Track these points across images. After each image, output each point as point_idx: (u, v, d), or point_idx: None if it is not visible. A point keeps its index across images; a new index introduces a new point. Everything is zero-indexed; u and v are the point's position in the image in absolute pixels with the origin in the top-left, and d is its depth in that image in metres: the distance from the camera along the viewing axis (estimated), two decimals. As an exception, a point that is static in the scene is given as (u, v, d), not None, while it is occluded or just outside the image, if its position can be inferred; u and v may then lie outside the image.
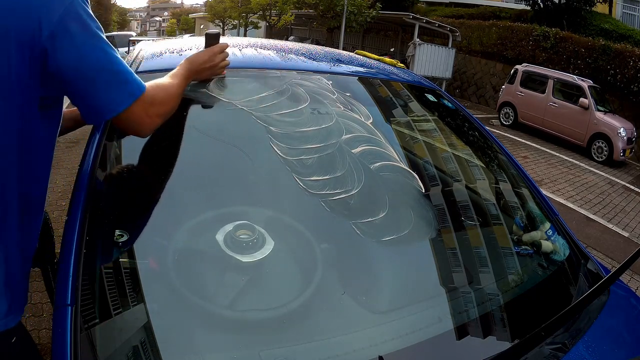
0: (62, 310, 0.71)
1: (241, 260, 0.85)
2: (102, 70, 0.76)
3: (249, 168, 1.05)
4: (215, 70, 1.11)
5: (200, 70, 1.07)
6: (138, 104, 0.82)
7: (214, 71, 1.11)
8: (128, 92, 0.80)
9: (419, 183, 1.14)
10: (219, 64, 1.11)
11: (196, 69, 1.05)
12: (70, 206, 0.89)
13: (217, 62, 1.10)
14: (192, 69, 1.04)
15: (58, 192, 4.02)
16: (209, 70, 1.09)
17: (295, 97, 1.21)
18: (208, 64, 1.08)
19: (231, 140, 1.10)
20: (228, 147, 1.10)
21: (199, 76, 1.08)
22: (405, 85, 1.60)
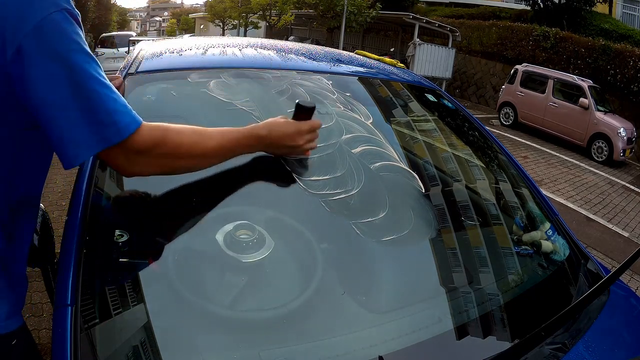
0: (62, 310, 0.71)
1: (241, 260, 0.85)
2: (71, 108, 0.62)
3: (249, 168, 1.05)
4: (295, 151, 0.92)
5: (276, 146, 0.89)
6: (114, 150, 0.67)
7: (293, 152, 0.92)
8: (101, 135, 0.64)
9: (419, 183, 1.14)
10: (302, 146, 0.91)
11: (270, 142, 0.87)
12: (70, 206, 0.89)
13: (301, 143, 0.90)
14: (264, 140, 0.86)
15: (58, 192, 4.03)
16: (286, 149, 0.90)
17: (295, 97, 1.21)
18: (289, 142, 0.88)
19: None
20: None
21: (270, 151, 0.91)
22: (405, 85, 1.60)
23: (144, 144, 0.69)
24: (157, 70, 1.24)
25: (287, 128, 0.87)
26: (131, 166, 0.72)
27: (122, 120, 0.66)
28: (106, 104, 0.65)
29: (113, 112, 0.65)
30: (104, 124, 0.64)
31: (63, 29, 0.61)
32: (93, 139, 0.64)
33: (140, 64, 1.23)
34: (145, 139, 0.69)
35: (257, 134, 0.84)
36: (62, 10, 0.62)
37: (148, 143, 0.70)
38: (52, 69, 0.61)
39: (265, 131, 0.85)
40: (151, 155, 0.72)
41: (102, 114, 0.64)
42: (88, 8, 16.03)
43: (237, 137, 0.82)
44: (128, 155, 0.70)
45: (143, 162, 0.72)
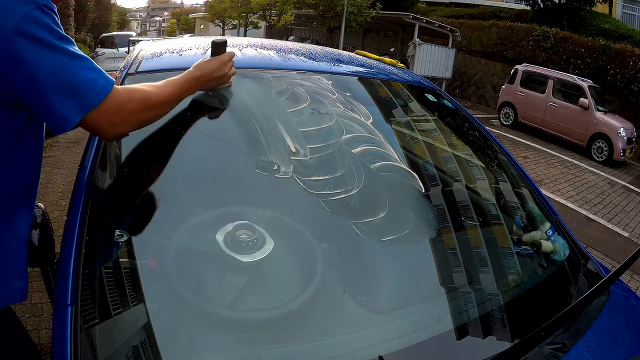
0: (62, 310, 0.71)
1: (241, 260, 0.85)
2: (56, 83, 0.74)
3: (249, 168, 1.05)
4: (223, 80, 1.08)
5: (209, 80, 1.03)
6: (98, 112, 0.79)
7: (222, 80, 1.08)
8: (85, 102, 0.77)
9: (419, 183, 1.14)
10: (228, 73, 1.08)
11: (204, 79, 1.01)
12: (70, 206, 0.89)
13: (226, 71, 1.07)
14: (200, 79, 1.00)
15: (58, 192, 4.02)
16: (217, 80, 1.06)
17: (295, 97, 1.21)
18: (217, 73, 1.04)
19: (231, 140, 1.10)
20: (228, 147, 1.10)
21: (206, 86, 1.05)
22: (405, 85, 1.60)
23: (117, 102, 0.81)
24: (157, 70, 1.24)
25: (212, 63, 1.03)
26: (112, 127, 0.82)
27: (98, 86, 0.78)
28: (84, 75, 0.77)
29: (91, 81, 0.78)
30: (85, 92, 0.77)
31: (42, 22, 0.73)
32: (79, 105, 0.76)
33: (140, 64, 1.23)
34: (117, 98, 0.81)
35: (193, 76, 0.98)
36: (39, 7, 0.73)
37: (120, 100, 0.81)
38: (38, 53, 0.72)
39: (199, 72, 1.00)
40: (126, 111, 0.83)
41: (82, 84, 0.77)
42: (88, 8, 16.01)
43: (181, 82, 0.96)
44: (108, 116, 0.80)
45: (121, 120, 0.82)
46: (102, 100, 0.78)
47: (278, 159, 1.03)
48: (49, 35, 0.74)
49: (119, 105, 0.81)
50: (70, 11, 12.64)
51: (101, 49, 13.65)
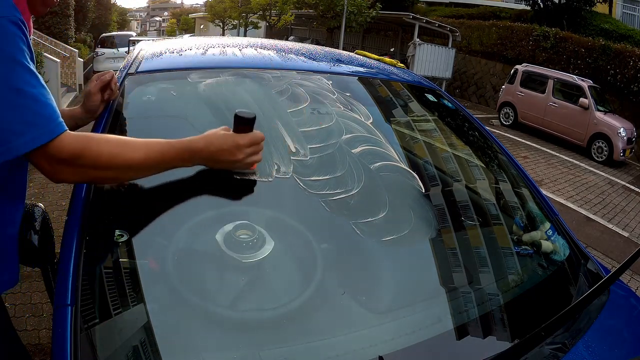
0: (62, 310, 0.71)
1: (241, 260, 0.84)
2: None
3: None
4: (235, 166, 0.87)
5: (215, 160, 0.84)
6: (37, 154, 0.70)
7: (234, 166, 0.87)
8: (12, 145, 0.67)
9: (419, 183, 1.14)
10: (244, 160, 0.85)
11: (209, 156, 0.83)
12: (70, 206, 0.89)
13: (241, 158, 0.84)
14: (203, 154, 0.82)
15: (58, 192, 4.02)
16: (226, 164, 0.85)
17: (295, 97, 1.21)
18: (228, 157, 0.83)
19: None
20: None
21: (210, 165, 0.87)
22: (405, 85, 1.60)
23: (64, 153, 0.71)
24: (157, 70, 1.24)
25: (224, 142, 0.82)
26: (55, 173, 0.74)
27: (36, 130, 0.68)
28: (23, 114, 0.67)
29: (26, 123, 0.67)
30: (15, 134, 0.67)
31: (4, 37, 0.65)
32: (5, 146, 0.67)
33: (140, 64, 1.23)
34: (63, 150, 0.71)
35: (192, 147, 0.82)
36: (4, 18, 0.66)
37: (68, 152, 0.71)
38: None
39: (201, 144, 0.82)
40: (73, 165, 0.73)
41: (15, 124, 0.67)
42: (88, 8, 16.01)
43: (167, 149, 0.80)
44: (50, 163, 0.72)
45: (66, 171, 0.74)
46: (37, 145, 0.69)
47: (278, 159, 1.03)
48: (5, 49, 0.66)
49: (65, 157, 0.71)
50: (70, 11, 12.64)
51: (101, 49, 13.65)
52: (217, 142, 0.82)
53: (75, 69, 10.99)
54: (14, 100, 0.67)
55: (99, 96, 1.08)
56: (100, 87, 1.08)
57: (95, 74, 1.11)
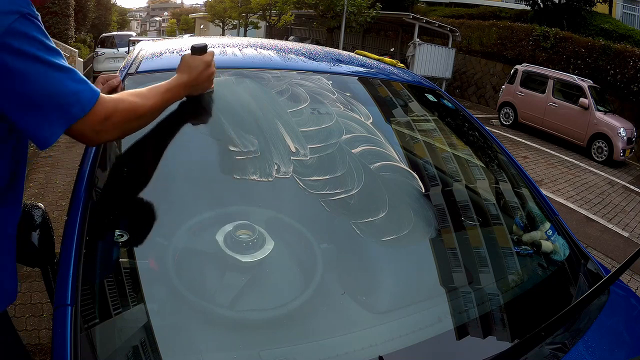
0: (62, 310, 0.71)
1: (241, 260, 0.85)
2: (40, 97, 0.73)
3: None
4: (210, 81, 1.07)
5: (197, 83, 1.02)
6: (83, 123, 0.78)
7: (209, 83, 1.07)
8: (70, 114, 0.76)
9: (419, 183, 1.14)
10: (214, 72, 1.07)
11: (192, 82, 1.00)
12: (70, 206, 0.89)
13: (212, 71, 1.05)
14: (188, 83, 0.99)
15: (58, 192, 4.03)
16: (205, 82, 1.04)
17: (295, 97, 1.21)
18: (204, 74, 1.03)
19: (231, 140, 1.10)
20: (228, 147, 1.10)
21: (194, 90, 1.04)
22: (405, 85, 1.60)
23: (103, 112, 0.80)
24: (157, 70, 1.24)
25: (197, 65, 1.01)
26: (97, 135, 0.82)
27: (84, 97, 0.77)
28: (70, 87, 0.76)
29: (76, 92, 0.76)
30: (70, 104, 0.76)
31: (25, 33, 0.71)
32: (63, 118, 0.76)
33: (140, 64, 1.23)
34: (103, 108, 0.80)
35: (181, 82, 0.98)
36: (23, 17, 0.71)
37: (106, 111, 0.81)
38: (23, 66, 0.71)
39: (185, 76, 0.99)
40: (112, 121, 0.82)
41: (67, 96, 0.75)
42: (88, 8, 16.01)
43: (167, 89, 0.95)
44: (93, 126, 0.80)
45: (105, 129, 0.82)
46: (86, 112, 0.78)
47: (278, 159, 1.03)
48: (33, 47, 0.72)
49: (104, 116, 0.80)
50: (70, 11, 12.64)
51: (101, 49, 13.64)
52: (195, 67, 1.00)
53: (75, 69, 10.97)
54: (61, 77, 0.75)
55: None
56: (107, 91, 1.08)
57: (101, 76, 1.10)
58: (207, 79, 1.04)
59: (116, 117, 0.82)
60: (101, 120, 0.80)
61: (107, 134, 0.84)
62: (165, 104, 0.95)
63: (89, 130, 0.80)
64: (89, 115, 0.78)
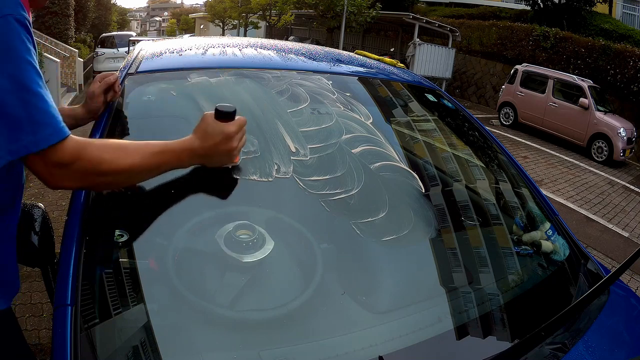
0: (62, 310, 0.71)
1: (241, 260, 0.84)
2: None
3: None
4: (230, 158, 0.86)
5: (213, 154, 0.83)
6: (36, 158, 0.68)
7: (229, 159, 0.87)
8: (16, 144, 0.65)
9: (419, 183, 1.14)
10: (237, 147, 0.86)
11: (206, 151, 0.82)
12: (70, 206, 0.89)
13: (234, 145, 0.85)
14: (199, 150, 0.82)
15: (58, 192, 4.02)
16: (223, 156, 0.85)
17: (295, 97, 1.21)
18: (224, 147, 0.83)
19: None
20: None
21: (208, 162, 0.86)
22: (405, 85, 1.60)
23: (62, 157, 0.69)
24: (157, 70, 1.24)
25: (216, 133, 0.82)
26: (52, 178, 0.72)
27: (43, 131, 0.67)
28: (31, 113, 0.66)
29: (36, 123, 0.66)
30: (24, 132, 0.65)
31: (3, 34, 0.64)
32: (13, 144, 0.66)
33: (140, 64, 1.23)
34: (64, 153, 0.69)
35: (190, 146, 0.81)
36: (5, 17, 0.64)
37: (67, 157, 0.70)
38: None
39: (198, 141, 0.82)
40: (71, 169, 0.71)
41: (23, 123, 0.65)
42: (88, 8, 16.01)
43: (165, 150, 0.80)
44: (47, 167, 0.70)
45: (63, 176, 0.72)
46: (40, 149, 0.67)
47: (278, 159, 1.03)
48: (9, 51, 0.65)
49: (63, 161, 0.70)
50: (70, 11, 12.64)
51: (101, 49, 13.65)
52: (212, 135, 0.82)
53: (75, 69, 10.99)
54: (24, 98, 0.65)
55: (102, 97, 1.09)
56: (104, 88, 1.08)
57: (98, 75, 1.11)
58: (225, 153, 0.84)
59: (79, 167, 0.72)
60: (57, 165, 0.70)
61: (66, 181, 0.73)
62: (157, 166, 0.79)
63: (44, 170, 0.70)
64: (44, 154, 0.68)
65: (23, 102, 0.65)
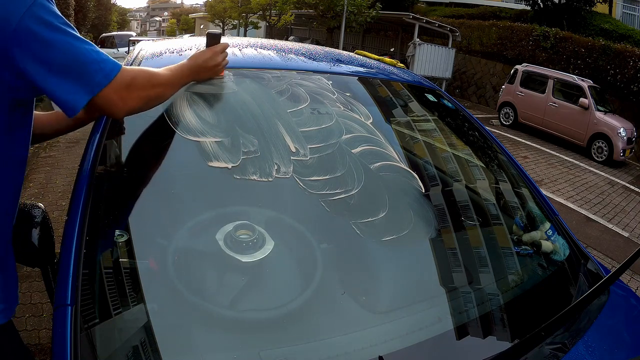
0: (62, 310, 0.71)
1: (241, 260, 0.85)
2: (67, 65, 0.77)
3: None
4: (216, 70, 1.11)
5: (202, 69, 1.06)
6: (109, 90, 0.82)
7: (215, 71, 1.10)
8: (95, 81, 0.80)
9: (419, 183, 1.14)
10: (221, 63, 1.11)
11: (198, 68, 1.05)
12: (70, 206, 0.89)
13: (219, 61, 1.10)
14: (193, 67, 1.04)
15: (58, 192, 4.02)
16: (211, 69, 1.09)
17: (295, 97, 1.21)
18: (210, 62, 1.07)
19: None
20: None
21: (199, 76, 1.07)
22: (405, 85, 1.60)
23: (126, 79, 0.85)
24: (157, 70, 1.23)
25: (205, 54, 1.07)
26: (123, 102, 0.86)
27: (107, 66, 0.82)
28: (94, 56, 0.81)
29: (100, 61, 0.81)
30: (95, 71, 0.81)
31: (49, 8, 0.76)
32: (90, 85, 0.80)
33: (140, 64, 1.23)
34: (126, 75, 0.85)
35: (187, 66, 1.03)
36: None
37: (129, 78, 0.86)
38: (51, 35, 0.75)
39: (192, 61, 1.04)
40: (135, 87, 0.87)
41: (92, 64, 0.80)
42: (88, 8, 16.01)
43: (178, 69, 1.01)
44: (119, 92, 0.84)
45: (132, 95, 0.87)
46: (111, 78, 0.82)
47: (278, 159, 1.03)
48: (57, 20, 0.77)
49: (128, 81, 0.86)
50: (70, 11, 12.63)
51: (101, 49, 13.63)
52: (202, 56, 1.06)
53: (75, 69, 10.95)
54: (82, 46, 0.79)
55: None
56: None
57: None
58: (212, 68, 1.08)
59: (139, 81, 0.88)
60: (126, 85, 0.85)
61: (133, 101, 0.88)
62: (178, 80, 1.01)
63: (116, 96, 0.84)
64: (114, 82, 0.82)
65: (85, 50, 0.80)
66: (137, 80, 0.88)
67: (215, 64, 1.09)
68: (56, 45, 0.76)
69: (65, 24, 0.79)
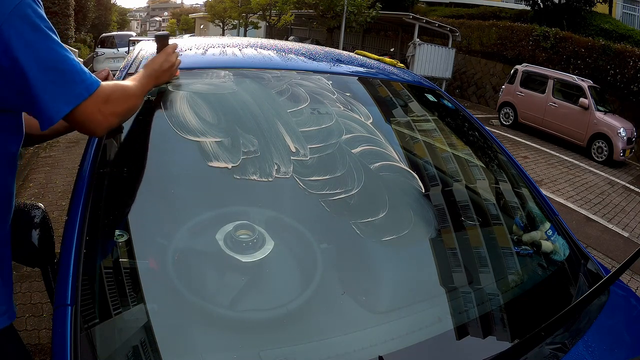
0: (62, 310, 0.71)
1: (241, 260, 0.85)
2: (49, 69, 0.75)
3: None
4: (172, 71, 1.10)
5: (160, 73, 1.06)
6: (89, 103, 0.80)
7: (171, 72, 1.10)
8: (76, 92, 0.78)
9: (419, 183, 1.14)
10: (175, 62, 1.10)
11: (156, 73, 1.04)
12: (70, 206, 0.89)
13: (173, 61, 1.09)
14: (152, 73, 1.04)
15: (58, 192, 4.02)
16: (167, 71, 1.08)
17: (295, 97, 1.21)
18: (166, 65, 1.07)
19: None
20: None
21: (159, 80, 1.07)
22: (405, 85, 1.60)
23: (105, 92, 0.84)
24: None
25: (159, 58, 1.07)
26: (103, 117, 0.84)
27: (87, 78, 0.81)
28: (74, 66, 0.79)
29: (78, 72, 0.79)
30: (76, 82, 0.78)
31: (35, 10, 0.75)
32: (70, 95, 0.78)
33: (140, 64, 1.23)
34: (105, 89, 0.84)
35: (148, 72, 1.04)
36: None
37: (108, 91, 0.85)
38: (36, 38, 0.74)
39: (149, 69, 1.04)
40: (113, 101, 0.86)
41: (74, 74, 0.78)
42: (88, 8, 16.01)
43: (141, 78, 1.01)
44: (97, 105, 0.82)
45: (111, 110, 0.85)
46: (92, 91, 0.81)
47: (278, 159, 1.03)
48: (43, 23, 0.75)
49: (107, 95, 0.84)
50: (70, 11, 12.64)
51: (101, 49, 13.63)
52: (156, 61, 1.06)
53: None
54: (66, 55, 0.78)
55: None
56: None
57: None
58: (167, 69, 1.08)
59: (115, 95, 0.87)
60: (104, 101, 0.83)
61: (112, 116, 0.86)
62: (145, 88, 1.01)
63: (96, 111, 0.82)
64: (93, 96, 0.81)
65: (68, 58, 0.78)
66: (115, 94, 0.87)
67: (170, 65, 1.09)
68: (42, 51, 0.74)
69: (51, 29, 0.77)
